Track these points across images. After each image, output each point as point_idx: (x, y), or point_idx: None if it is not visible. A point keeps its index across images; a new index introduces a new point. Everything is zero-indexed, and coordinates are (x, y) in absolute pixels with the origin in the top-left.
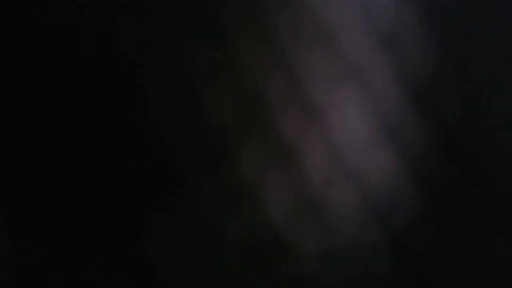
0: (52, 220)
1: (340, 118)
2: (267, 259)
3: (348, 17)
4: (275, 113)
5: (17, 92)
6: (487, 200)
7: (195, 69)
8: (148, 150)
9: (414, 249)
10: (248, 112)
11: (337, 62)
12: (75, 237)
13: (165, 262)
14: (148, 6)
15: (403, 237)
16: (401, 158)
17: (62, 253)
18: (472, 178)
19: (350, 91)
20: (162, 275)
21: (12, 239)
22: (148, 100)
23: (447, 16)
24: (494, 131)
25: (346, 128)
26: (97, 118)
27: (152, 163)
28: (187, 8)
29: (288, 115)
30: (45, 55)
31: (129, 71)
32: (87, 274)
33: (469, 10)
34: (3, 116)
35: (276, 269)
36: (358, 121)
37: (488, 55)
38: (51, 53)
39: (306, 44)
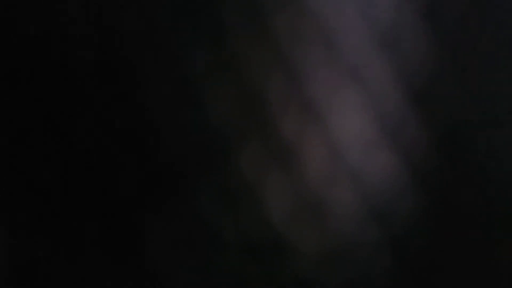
0: (52, 221)
1: (340, 118)
2: (266, 259)
3: (348, 17)
4: (275, 114)
5: (18, 94)
6: (487, 200)
7: (195, 69)
8: (147, 151)
9: (414, 249)
10: (248, 113)
11: (338, 62)
12: (75, 238)
13: (165, 262)
14: (148, 6)
15: (403, 237)
16: (401, 158)
17: (62, 253)
18: (472, 178)
19: (350, 91)
20: (162, 275)
21: (12, 240)
22: (148, 101)
23: (447, 17)
24: (494, 131)
25: (346, 128)
26: (97, 119)
27: (152, 164)
28: (187, 8)
29: (288, 115)
30: (44, 57)
31: (129, 72)
32: (87, 274)
33: (468, 10)
34: (4, 117)
35: (275, 269)
36: (358, 121)
37: (488, 55)
38: (50, 55)
39: (306, 45)
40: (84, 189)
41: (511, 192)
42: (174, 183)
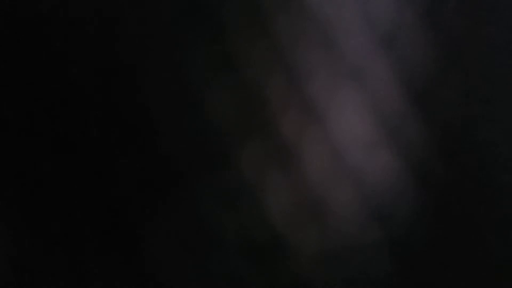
0: (52, 221)
1: (340, 118)
2: (266, 259)
3: (348, 17)
4: (275, 114)
5: (19, 95)
6: (487, 200)
7: (194, 69)
8: (147, 151)
9: (414, 249)
10: (248, 113)
11: (338, 62)
12: (75, 238)
13: (165, 263)
14: (148, 7)
15: (403, 237)
16: (401, 158)
17: (61, 253)
18: (472, 177)
19: (350, 91)
20: (162, 275)
21: (12, 240)
22: (148, 101)
23: (447, 17)
24: (493, 130)
25: (346, 128)
26: (97, 119)
27: (152, 164)
28: (187, 8)
29: (288, 115)
30: (46, 58)
31: (129, 72)
32: (86, 274)
33: (468, 11)
34: (5, 118)
35: (275, 269)
36: (358, 121)
37: (488, 55)
38: (52, 56)
39: (306, 45)
40: (84, 189)
41: (511, 191)
42: (174, 183)
